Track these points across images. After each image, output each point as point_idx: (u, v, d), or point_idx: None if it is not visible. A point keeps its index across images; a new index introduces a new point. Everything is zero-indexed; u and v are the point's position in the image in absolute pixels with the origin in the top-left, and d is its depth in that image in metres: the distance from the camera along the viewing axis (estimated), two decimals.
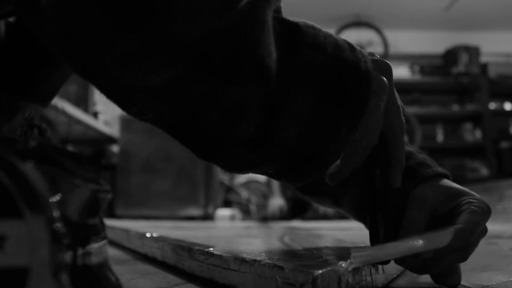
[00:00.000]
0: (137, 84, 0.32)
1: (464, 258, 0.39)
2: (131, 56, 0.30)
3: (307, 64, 0.34)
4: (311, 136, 0.36)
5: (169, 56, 0.30)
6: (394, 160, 0.40)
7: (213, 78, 0.32)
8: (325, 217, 2.31)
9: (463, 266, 0.40)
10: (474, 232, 0.38)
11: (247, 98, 0.33)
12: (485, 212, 0.40)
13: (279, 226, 1.51)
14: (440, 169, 0.44)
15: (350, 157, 0.38)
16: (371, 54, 0.40)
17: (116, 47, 0.30)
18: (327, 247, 0.51)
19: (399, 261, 0.39)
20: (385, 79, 0.38)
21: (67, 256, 0.22)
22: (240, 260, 0.38)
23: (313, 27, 0.36)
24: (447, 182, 0.43)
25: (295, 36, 0.35)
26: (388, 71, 0.39)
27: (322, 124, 0.35)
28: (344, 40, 0.37)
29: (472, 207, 0.39)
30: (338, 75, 0.35)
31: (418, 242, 0.35)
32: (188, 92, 0.32)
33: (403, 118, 0.40)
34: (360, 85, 0.36)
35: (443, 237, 0.36)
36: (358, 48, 0.38)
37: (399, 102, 0.40)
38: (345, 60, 0.36)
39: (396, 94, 0.40)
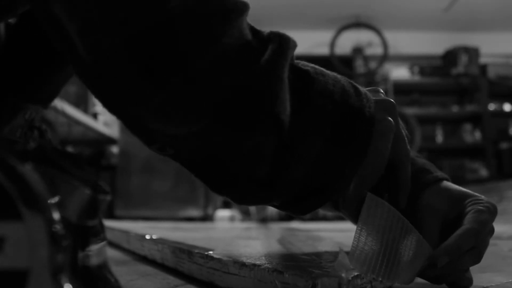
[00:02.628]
0: (166, 132, 0.35)
1: (478, 258, 0.40)
2: (164, 111, 0.34)
3: (317, 112, 0.37)
4: (317, 175, 0.38)
5: (196, 112, 0.34)
6: (402, 184, 0.42)
7: (234, 129, 0.35)
8: (324, 218, 2.31)
9: None
10: (483, 230, 0.39)
11: (262, 145, 0.36)
12: (492, 211, 0.40)
13: (278, 227, 1.51)
14: (439, 173, 0.44)
15: (359, 187, 0.40)
16: (376, 90, 0.42)
17: (151, 102, 0.33)
18: (326, 252, 0.51)
19: (418, 273, 0.39)
20: (391, 119, 0.40)
21: (67, 258, 0.22)
22: (240, 264, 0.38)
23: (322, 74, 0.39)
24: (448, 185, 0.44)
25: (306, 84, 0.37)
26: (393, 109, 0.41)
27: (328, 165, 0.38)
28: (350, 83, 0.40)
29: (478, 207, 0.40)
30: (345, 122, 0.38)
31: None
32: (211, 140, 0.36)
33: (408, 146, 0.42)
34: (364, 130, 0.38)
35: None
36: (362, 91, 0.40)
37: (404, 131, 0.42)
38: (352, 106, 0.38)
39: (401, 123, 0.42)
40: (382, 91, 0.43)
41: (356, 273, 0.34)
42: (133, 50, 0.32)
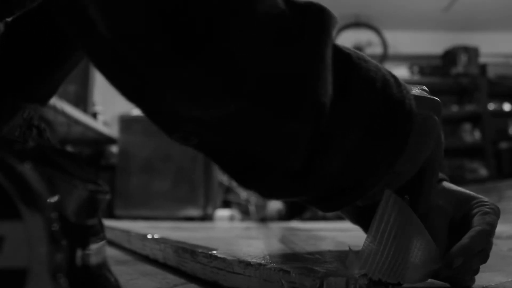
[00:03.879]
0: (192, 115, 0.32)
1: (486, 259, 0.40)
2: (193, 91, 0.30)
3: (357, 100, 0.34)
4: (352, 170, 0.36)
5: (230, 92, 0.30)
6: (426, 189, 0.40)
7: (271, 113, 0.32)
8: (324, 218, 2.31)
9: None
10: (493, 232, 0.39)
11: (299, 132, 0.33)
12: (496, 213, 0.40)
13: (278, 227, 1.50)
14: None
15: (389, 186, 0.39)
16: (422, 88, 0.40)
17: (179, 80, 0.30)
18: (330, 251, 0.51)
19: (432, 274, 0.39)
20: (436, 118, 0.38)
21: (66, 257, 0.22)
22: (245, 264, 0.38)
23: (364, 60, 0.36)
24: (450, 186, 0.43)
25: (347, 68, 0.34)
26: (438, 109, 0.39)
27: (363, 160, 0.36)
28: (390, 73, 0.37)
29: (485, 208, 0.40)
30: (384, 113, 0.35)
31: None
32: (243, 125, 0.32)
33: (443, 153, 0.40)
34: (403, 124, 0.36)
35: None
36: (402, 83, 0.38)
37: (442, 136, 0.40)
38: (392, 97, 0.36)
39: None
40: (427, 89, 0.41)
41: (363, 272, 0.34)
42: (167, 17, 0.28)
